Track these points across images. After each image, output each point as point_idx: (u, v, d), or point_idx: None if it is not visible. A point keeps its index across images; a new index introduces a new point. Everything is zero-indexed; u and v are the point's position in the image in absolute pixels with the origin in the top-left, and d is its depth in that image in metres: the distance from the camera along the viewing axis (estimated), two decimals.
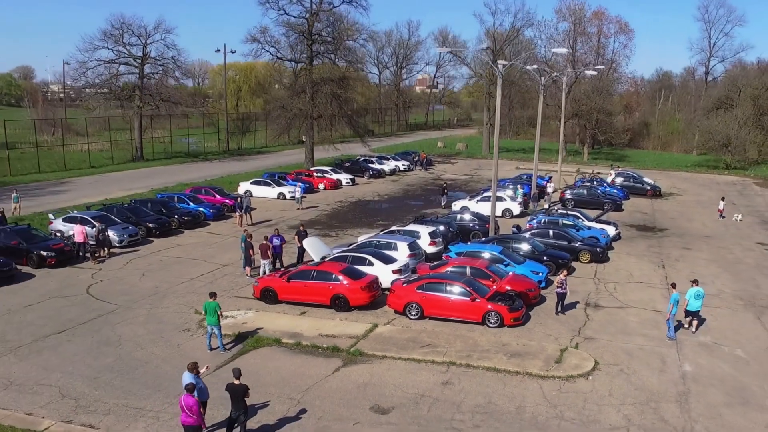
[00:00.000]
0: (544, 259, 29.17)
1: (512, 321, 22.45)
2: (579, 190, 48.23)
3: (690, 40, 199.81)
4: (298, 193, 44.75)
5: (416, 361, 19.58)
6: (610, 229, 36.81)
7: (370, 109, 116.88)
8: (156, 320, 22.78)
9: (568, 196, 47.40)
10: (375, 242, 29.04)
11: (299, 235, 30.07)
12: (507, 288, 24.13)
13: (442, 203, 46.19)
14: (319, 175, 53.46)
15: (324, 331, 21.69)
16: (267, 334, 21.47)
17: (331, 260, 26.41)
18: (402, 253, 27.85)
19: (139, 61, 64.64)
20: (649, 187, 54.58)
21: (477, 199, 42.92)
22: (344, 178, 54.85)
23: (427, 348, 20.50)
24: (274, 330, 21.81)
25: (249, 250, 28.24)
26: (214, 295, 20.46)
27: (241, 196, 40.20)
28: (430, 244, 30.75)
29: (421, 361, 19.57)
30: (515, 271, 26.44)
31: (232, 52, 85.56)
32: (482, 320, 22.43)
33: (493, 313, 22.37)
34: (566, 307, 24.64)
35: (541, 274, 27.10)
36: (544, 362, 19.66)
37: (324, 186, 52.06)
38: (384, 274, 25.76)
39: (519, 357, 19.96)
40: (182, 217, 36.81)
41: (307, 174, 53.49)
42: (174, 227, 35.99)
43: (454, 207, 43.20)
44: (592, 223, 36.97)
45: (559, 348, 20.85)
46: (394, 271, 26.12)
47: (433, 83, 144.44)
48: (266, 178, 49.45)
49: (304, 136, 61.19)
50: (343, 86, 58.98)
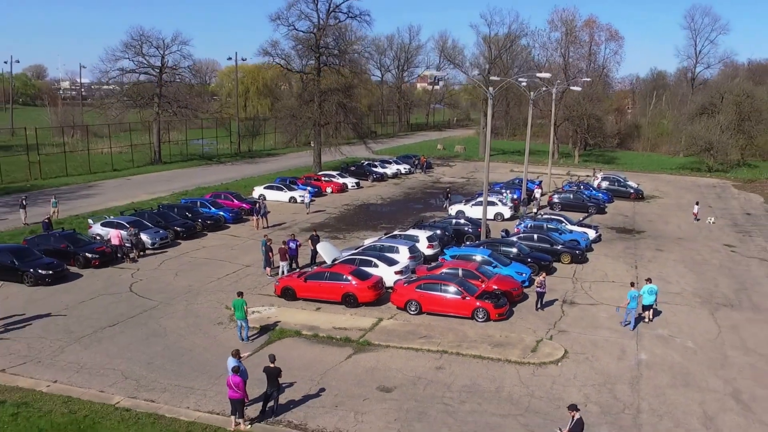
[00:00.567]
0: (528, 261, 32.55)
1: (497, 316, 25.82)
2: (566, 195, 51.52)
3: (676, 47, 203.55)
4: (307, 198, 48.08)
5: (414, 350, 23.00)
6: (591, 233, 40.12)
7: (372, 110, 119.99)
8: (193, 315, 26.21)
9: (555, 200, 50.69)
10: (379, 246, 32.43)
11: (312, 239, 33.48)
12: (494, 287, 27.47)
13: (444, 206, 49.37)
14: (326, 180, 56.81)
15: (337, 325, 25.12)
16: (288, 327, 24.90)
17: (342, 263, 29.81)
18: (403, 256, 31.22)
19: (158, 71, 68.00)
20: (632, 191, 57.84)
21: (471, 204, 46.26)
22: (350, 181, 58.19)
23: (423, 339, 23.92)
24: (294, 323, 25.25)
25: (269, 253, 31.67)
26: (242, 293, 23.91)
27: (259, 202, 43.54)
28: (428, 247, 34.12)
29: (419, 350, 22.99)
30: (501, 272, 29.81)
31: (243, 60, 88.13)
32: (471, 315, 25.81)
33: (480, 310, 25.75)
34: (545, 304, 27.98)
35: (524, 274, 30.47)
36: (522, 351, 23.07)
37: (331, 190, 55.41)
38: (387, 275, 29.12)
39: (501, 347, 23.38)
40: (205, 221, 40.19)
41: (315, 178, 56.82)
42: (198, 230, 39.37)
43: (450, 211, 46.55)
44: (575, 227, 40.31)
45: (536, 339, 24.26)
46: (396, 272, 29.50)
47: (435, 80, 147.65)
48: (278, 182, 52.82)
49: (312, 141, 64.49)
50: (348, 95, 62.32)
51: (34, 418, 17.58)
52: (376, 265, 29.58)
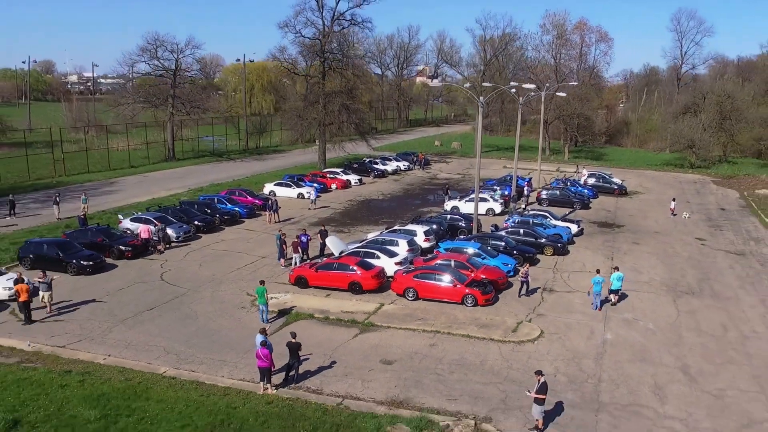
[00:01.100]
0: (514, 253, 35.87)
1: (484, 302, 29.13)
2: (553, 191, 54.76)
3: (663, 49, 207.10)
4: (312, 195, 51.29)
5: (412, 330, 26.34)
6: (573, 227, 43.39)
7: (373, 106, 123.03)
8: (219, 301, 29.54)
9: (543, 196, 53.94)
10: (381, 239, 35.74)
11: (322, 233, 36.80)
12: (482, 276, 30.78)
13: (445, 201, 52.36)
14: (331, 177, 60.05)
15: (345, 309, 28.45)
16: (302, 311, 28.24)
17: (348, 255, 33.10)
18: (402, 249, 34.51)
19: (172, 73, 71.11)
20: (616, 187, 61.05)
21: (465, 200, 49.51)
22: (353, 178, 61.44)
23: (419, 321, 27.26)
24: (307, 308, 28.59)
25: (283, 246, 34.99)
26: (263, 282, 27.26)
27: (270, 198, 46.79)
28: (425, 241, 37.42)
29: (415, 330, 26.33)
30: (489, 263, 33.12)
31: (251, 62, 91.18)
32: (461, 301, 29.13)
33: (469, 296, 29.06)
34: (530, 291, 31.34)
35: (509, 265, 33.79)
36: (504, 331, 26.42)
37: (336, 186, 58.66)
38: (388, 266, 32.45)
39: (486, 327, 26.72)
40: (223, 216, 43.46)
41: (321, 175, 60.05)
42: (216, 225, 42.63)
43: (446, 206, 49.81)
44: (558, 222, 43.57)
45: (517, 321, 27.60)
46: (396, 263, 32.82)
47: (434, 74, 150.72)
48: (287, 180, 56.05)
49: (317, 140, 67.68)
50: (351, 97, 65.48)
51: (97, 384, 20.92)
52: (378, 257, 32.89)
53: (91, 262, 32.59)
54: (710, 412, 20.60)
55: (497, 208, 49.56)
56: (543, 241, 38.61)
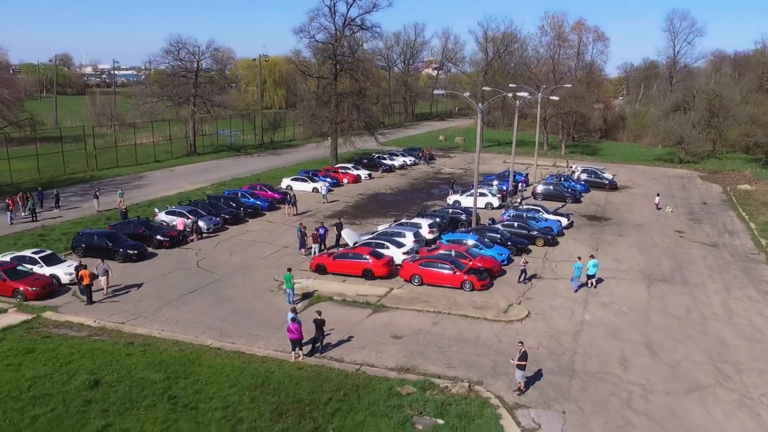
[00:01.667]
0: (508, 244, 39.56)
1: (480, 287, 32.87)
2: (547, 186, 58.32)
3: (657, 48, 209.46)
4: (324, 189, 54.96)
5: (417, 311, 30.14)
6: (564, 220, 47.00)
7: (380, 100, 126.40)
8: (250, 285, 33.38)
9: (538, 191, 57.55)
10: (390, 232, 39.49)
11: (338, 226, 40.59)
12: (478, 265, 34.49)
13: (450, 195, 55.96)
14: (343, 171, 63.76)
15: (359, 292, 32.27)
16: (322, 294, 32.06)
17: (361, 245, 36.88)
18: (409, 240, 38.23)
19: (194, 74, 74.80)
20: (606, 182, 64.52)
21: (466, 194, 53.16)
22: (363, 173, 65.13)
23: (424, 303, 31.06)
24: (327, 291, 32.41)
25: (303, 237, 38.79)
26: (290, 269, 31.08)
27: (288, 192, 50.58)
28: (429, 233, 41.12)
29: (420, 311, 30.13)
30: (485, 253, 36.83)
31: (266, 61, 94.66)
32: (460, 286, 32.87)
33: (467, 282, 32.82)
34: (529, 278, 34.99)
35: (503, 255, 37.49)
36: (496, 312, 30.20)
37: (348, 180, 62.37)
38: (397, 255, 36.21)
39: (481, 309, 30.50)
40: (246, 209, 47.26)
41: (334, 170, 63.76)
42: (241, 218, 46.43)
43: (448, 200, 53.48)
44: (550, 216, 47.19)
45: (508, 304, 31.35)
46: (404, 253, 36.56)
47: (440, 66, 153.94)
48: (302, 175, 59.80)
49: (330, 137, 71.37)
50: (361, 97, 69.06)
51: (157, 353, 24.83)
52: (388, 247, 36.65)
53: (136, 251, 36.48)
54: (665, 379, 24.34)
55: (495, 203, 53.17)
56: (535, 233, 42.26)
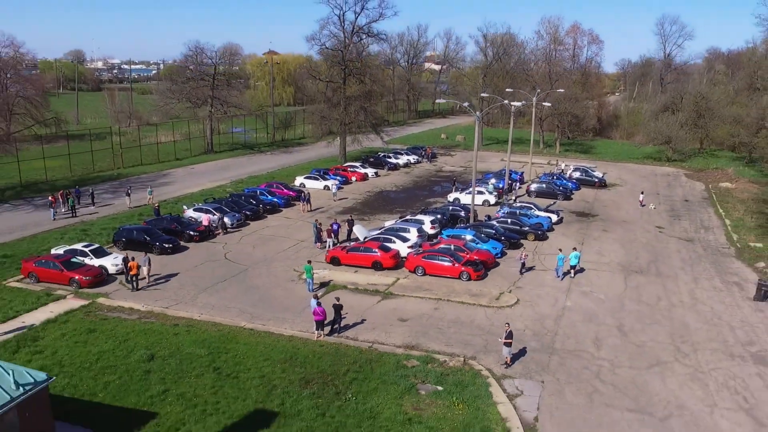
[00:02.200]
0: (502, 239, 43.33)
1: (476, 277, 36.66)
2: (540, 184, 61.95)
3: (648, 50, 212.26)
4: (334, 188, 58.70)
5: (420, 298, 33.99)
6: (554, 217, 50.69)
7: (385, 98, 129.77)
8: (273, 275, 37.25)
9: (532, 189, 61.20)
10: (396, 228, 43.27)
11: (349, 222, 44.42)
12: (475, 257, 38.29)
13: (452, 192, 59.44)
14: (352, 170, 67.50)
15: (370, 282, 36.12)
16: (337, 283, 35.92)
17: (371, 240, 40.70)
18: (413, 235, 42.01)
19: (211, 78, 78.52)
20: (597, 180, 68.07)
21: (465, 192, 56.84)
22: (370, 171, 68.86)
23: (426, 291, 34.91)
24: (341, 281, 36.27)
25: (319, 232, 42.61)
26: (310, 261, 34.93)
27: (303, 190, 54.38)
28: (431, 229, 44.89)
29: (423, 298, 33.98)
30: (481, 247, 40.61)
31: (277, 63, 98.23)
32: (459, 276, 36.66)
33: (465, 273, 36.62)
34: (527, 270, 38.63)
35: (497, 249, 41.27)
36: (489, 299, 34.04)
37: (356, 178, 66.11)
38: (402, 249, 40.02)
39: (476, 296, 34.34)
40: (265, 206, 51.07)
41: (343, 169, 67.50)
42: (261, 214, 50.25)
43: (449, 197, 57.22)
44: (541, 213, 50.87)
45: (499, 292, 35.17)
46: (409, 247, 40.36)
47: (443, 62, 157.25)
48: (314, 173, 63.56)
49: (339, 137, 75.07)
50: (368, 99, 72.73)
51: (199, 333, 28.73)
52: (394, 242, 40.45)
53: (171, 245, 40.34)
54: (630, 356, 28.15)
55: (492, 200, 56.89)
56: (526, 228, 46.00)
